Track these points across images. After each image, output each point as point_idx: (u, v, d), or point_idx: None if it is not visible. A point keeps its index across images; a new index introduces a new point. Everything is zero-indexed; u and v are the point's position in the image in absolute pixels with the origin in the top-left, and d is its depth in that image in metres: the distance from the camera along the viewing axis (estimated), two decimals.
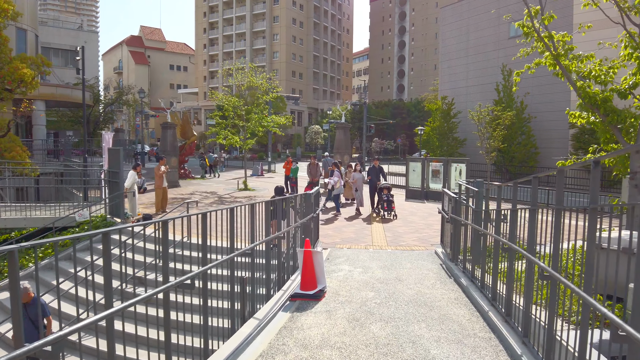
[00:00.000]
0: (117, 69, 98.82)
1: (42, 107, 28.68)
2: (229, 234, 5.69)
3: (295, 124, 70.65)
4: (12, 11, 17.15)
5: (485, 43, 38.03)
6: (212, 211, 5.41)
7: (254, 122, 21.42)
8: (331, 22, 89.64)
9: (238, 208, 5.84)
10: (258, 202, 6.24)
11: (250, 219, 5.96)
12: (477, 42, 38.92)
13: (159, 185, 14.63)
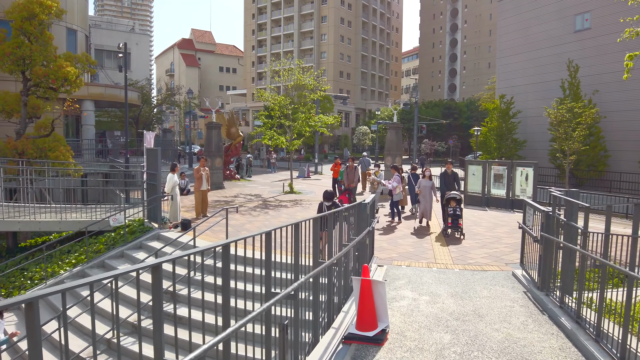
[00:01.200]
0: (168, 71, 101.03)
1: (92, 107, 28.76)
2: (292, 259, 4.44)
3: (342, 125, 69.39)
4: (55, 8, 16.78)
5: (548, 38, 35.26)
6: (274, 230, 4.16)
7: (301, 121, 20.28)
8: (380, 20, 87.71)
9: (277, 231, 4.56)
10: (304, 221, 4.94)
11: (294, 241, 4.67)
12: (538, 37, 36.18)
13: (198, 188, 13.70)
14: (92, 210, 13.88)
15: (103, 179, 19.99)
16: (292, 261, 4.77)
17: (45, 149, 16.53)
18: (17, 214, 12.78)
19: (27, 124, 17.06)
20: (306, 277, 4.07)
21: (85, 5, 29.40)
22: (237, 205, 15.12)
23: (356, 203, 6.91)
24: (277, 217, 14.45)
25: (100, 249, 11.66)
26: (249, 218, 14.06)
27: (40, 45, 16.58)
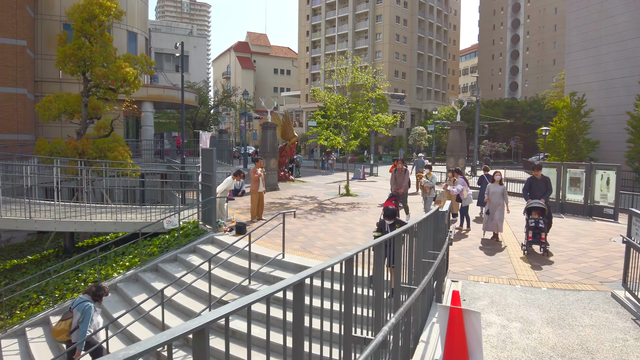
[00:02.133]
0: (225, 74, 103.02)
1: (150, 109, 29.23)
2: (373, 291, 3.61)
3: (397, 125, 67.81)
4: (115, 9, 16.86)
5: (623, 30, 32.49)
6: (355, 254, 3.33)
7: (359, 121, 19.42)
8: (437, 18, 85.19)
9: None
10: (379, 244, 4.08)
11: (375, 267, 3.82)
12: (613, 30, 33.42)
13: (254, 189, 13.16)
14: (148, 211, 13.69)
15: (161, 179, 20.02)
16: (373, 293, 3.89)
17: (104, 149, 16.61)
18: (75, 214, 12.74)
19: (87, 124, 17.26)
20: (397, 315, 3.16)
21: (145, 9, 29.96)
22: (294, 209, 14.47)
23: (432, 211, 5.97)
24: (335, 221, 13.68)
25: (154, 252, 11.35)
26: (305, 222, 13.38)
27: (100, 47, 16.70)
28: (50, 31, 23.98)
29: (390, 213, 7.26)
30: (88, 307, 6.19)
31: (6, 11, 20.98)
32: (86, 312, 6.12)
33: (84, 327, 6.09)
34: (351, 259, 2.96)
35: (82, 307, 6.19)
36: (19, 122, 21.60)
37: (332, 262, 2.68)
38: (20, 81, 21.51)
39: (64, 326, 6.17)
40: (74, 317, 6.19)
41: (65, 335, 6.16)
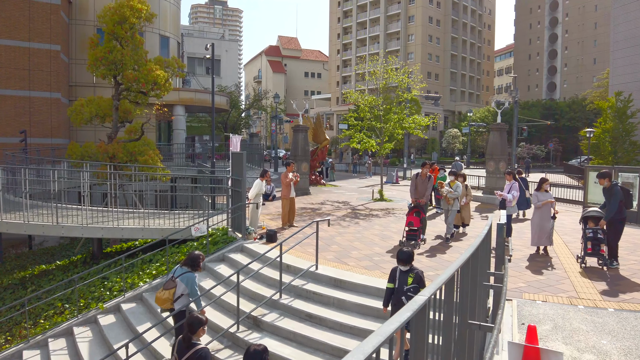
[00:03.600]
0: (256, 78, 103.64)
1: (182, 112, 29.22)
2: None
3: (430, 128, 66.41)
4: (145, 11, 16.67)
5: None
6: None
7: (393, 123, 18.64)
8: (471, 18, 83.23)
9: None
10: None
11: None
12: None
13: (285, 195, 12.59)
14: (177, 216, 13.32)
15: (191, 183, 19.76)
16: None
17: (134, 152, 16.42)
18: (103, 219, 12.48)
19: (118, 128, 17.13)
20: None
21: (177, 13, 30.02)
22: (328, 216, 13.84)
23: (486, 233, 5.18)
24: (370, 228, 12.97)
25: (181, 260, 10.90)
26: (339, 229, 12.72)
27: (131, 50, 16.54)
28: (84, 36, 24.18)
29: (405, 257, 5.67)
30: (192, 276, 6.64)
31: (41, 17, 21.21)
32: (190, 281, 6.61)
33: (195, 294, 6.64)
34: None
35: (185, 277, 6.60)
36: (52, 126, 21.79)
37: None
38: (55, 85, 21.70)
39: (168, 295, 6.54)
40: (178, 287, 6.57)
41: (169, 303, 6.58)
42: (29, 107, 21.13)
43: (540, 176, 14.61)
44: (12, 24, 20.65)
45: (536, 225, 10.09)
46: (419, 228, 10.63)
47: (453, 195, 11.28)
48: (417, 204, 11.01)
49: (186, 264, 6.75)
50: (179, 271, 6.72)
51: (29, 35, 21.02)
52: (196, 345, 4.82)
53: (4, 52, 20.54)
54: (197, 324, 4.94)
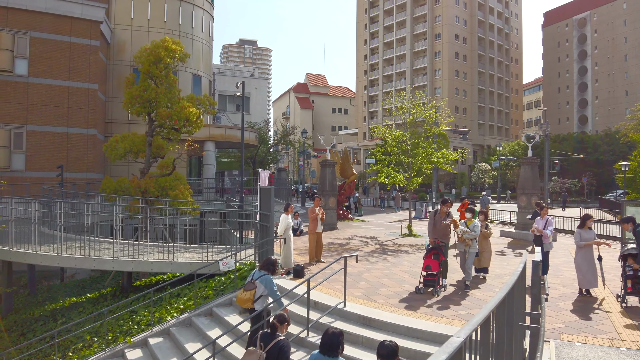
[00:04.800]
0: (284, 114, 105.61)
1: (212, 148, 29.85)
2: None
3: (458, 162, 65.79)
4: (179, 52, 17.32)
5: None
6: None
7: (421, 157, 18.55)
8: (497, 53, 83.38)
9: None
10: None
11: None
12: None
13: (312, 230, 12.54)
14: (206, 250, 13.39)
15: (220, 218, 19.94)
16: None
17: (166, 187, 16.74)
18: (133, 252, 12.65)
19: (151, 163, 17.56)
20: None
21: (209, 53, 31.10)
22: (356, 251, 13.67)
23: (520, 273, 4.98)
24: (399, 264, 12.73)
25: (209, 295, 10.90)
26: (367, 265, 12.53)
27: (165, 88, 17.12)
28: (120, 75, 25.24)
29: (386, 354, 4.13)
30: (269, 279, 7.32)
31: (81, 57, 22.30)
32: (269, 283, 7.27)
33: (275, 295, 7.31)
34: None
35: (264, 279, 7.27)
36: (88, 161, 22.52)
37: None
38: (91, 122, 22.56)
39: (249, 296, 7.18)
40: (258, 288, 7.23)
41: (250, 303, 7.21)
42: (66, 143, 21.97)
43: (576, 211, 14.14)
44: (54, 64, 21.76)
45: (580, 266, 9.58)
46: (438, 273, 9.55)
47: (470, 236, 10.04)
48: (435, 245, 9.95)
49: (264, 267, 7.46)
50: (257, 274, 7.39)
51: (69, 75, 22.07)
52: (279, 336, 5.52)
53: (45, 90, 21.58)
54: (281, 319, 5.70)
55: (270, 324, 5.70)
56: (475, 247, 10.12)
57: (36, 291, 16.27)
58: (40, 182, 20.03)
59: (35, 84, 21.43)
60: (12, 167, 20.98)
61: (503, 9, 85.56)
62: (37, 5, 21.39)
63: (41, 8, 21.45)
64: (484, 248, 10.90)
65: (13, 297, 15.12)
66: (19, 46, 21.17)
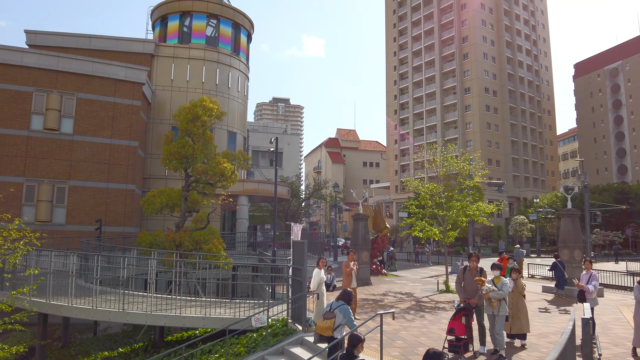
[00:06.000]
0: (316, 168, 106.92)
1: (246, 202, 30.19)
2: None
3: (494, 215, 64.25)
4: (216, 110, 17.97)
5: None
6: None
7: (456, 210, 18.20)
8: (529, 104, 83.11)
9: None
10: None
11: None
12: None
13: (346, 285, 12.26)
14: (238, 305, 13.21)
15: (252, 272, 19.83)
16: None
17: (200, 241, 16.88)
18: (166, 307, 12.59)
19: (186, 217, 17.83)
20: None
21: (244, 111, 32.16)
22: (391, 308, 13.23)
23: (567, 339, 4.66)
24: (436, 322, 12.20)
25: (240, 352, 10.62)
26: (403, 322, 12.06)
27: (202, 145, 17.65)
28: (160, 133, 26.27)
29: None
30: (348, 308, 7.82)
31: (123, 117, 23.41)
32: (347, 312, 7.75)
33: (352, 324, 7.70)
34: None
35: (342, 309, 7.76)
36: (126, 215, 23.07)
37: None
38: (130, 178, 23.30)
39: (329, 324, 7.71)
40: (337, 317, 7.72)
41: (330, 331, 7.72)
42: (106, 198, 22.66)
43: (622, 265, 13.40)
44: (98, 123, 22.88)
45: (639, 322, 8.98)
46: (465, 337, 8.68)
47: (497, 296, 8.82)
48: (466, 305, 9.03)
49: (341, 298, 8.00)
50: (335, 304, 7.90)
51: (112, 133, 23.10)
52: (356, 357, 5.80)
53: (88, 147, 22.58)
54: (357, 340, 5.85)
55: (348, 345, 5.90)
56: (504, 309, 8.92)
57: (69, 344, 16.28)
58: (79, 235, 20.56)
59: (80, 142, 22.48)
60: (53, 220, 21.67)
61: (532, 62, 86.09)
62: (85, 68, 22.82)
63: (88, 71, 22.87)
64: (519, 308, 9.63)
65: (47, 350, 15.15)
66: (66, 106, 22.44)
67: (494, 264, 9.63)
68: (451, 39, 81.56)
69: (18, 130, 21.42)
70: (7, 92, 21.40)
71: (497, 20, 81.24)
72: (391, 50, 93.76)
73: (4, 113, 21.25)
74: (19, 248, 10.29)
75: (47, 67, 22.12)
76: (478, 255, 10.04)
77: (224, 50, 29.53)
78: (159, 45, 28.32)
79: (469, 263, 9.65)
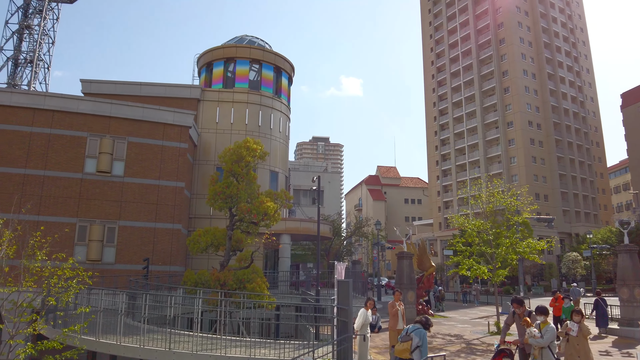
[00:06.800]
0: (357, 206, 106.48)
1: (288, 241, 30.25)
2: None
3: (545, 252, 61.50)
4: (260, 151, 18.39)
5: None
6: None
7: (505, 248, 17.54)
8: (576, 136, 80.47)
9: None
10: None
11: None
12: None
13: (392, 326, 11.91)
14: (281, 347, 13.02)
15: (295, 312, 19.61)
16: None
17: (243, 280, 16.95)
18: (211, 346, 12.55)
19: (230, 256, 18.02)
20: None
21: (286, 151, 32.74)
22: (442, 352, 12.70)
23: None
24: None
25: None
26: None
27: (246, 184, 18.01)
28: (205, 174, 27.01)
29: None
30: (424, 333, 8.01)
31: (171, 159, 24.29)
32: (424, 337, 7.95)
33: (425, 349, 7.86)
34: None
35: (419, 332, 7.96)
36: (172, 254, 23.55)
37: None
38: (177, 217, 23.90)
39: (406, 346, 7.95)
40: (413, 340, 7.93)
41: (407, 353, 7.92)
42: (153, 237, 23.27)
43: None
44: (146, 165, 23.81)
45: None
46: None
47: (535, 342, 8.09)
48: (506, 347, 8.36)
49: (418, 321, 8.22)
50: (411, 328, 8.13)
51: (159, 174, 23.95)
52: None
53: (137, 189, 23.44)
54: None
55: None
56: (549, 357, 8.06)
57: None
58: (127, 274, 21.08)
59: (129, 183, 23.40)
60: (103, 259, 22.36)
61: (576, 93, 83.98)
62: (136, 114, 24.01)
63: (139, 117, 24.03)
64: (585, 354, 8.70)
65: None
66: (117, 150, 23.54)
67: (538, 307, 9.05)
68: (490, 74, 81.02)
69: (73, 173, 22.55)
70: (64, 137, 22.71)
71: (538, 53, 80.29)
72: (430, 87, 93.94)
73: (61, 157, 22.48)
74: (72, 287, 10.60)
75: (100, 114, 23.43)
76: (520, 299, 9.54)
77: (266, 93, 30.46)
78: (204, 90, 29.55)
79: (516, 307, 9.21)
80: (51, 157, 22.35)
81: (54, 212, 21.86)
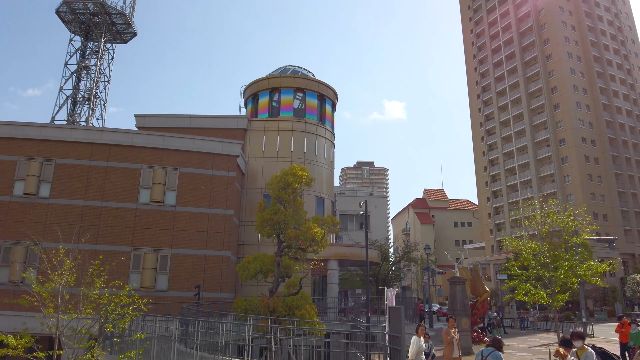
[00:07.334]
0: (404, 230, 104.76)
1: (336, 267, 30.06)
2: None
3: (606, 275, 57.93)
4: (306, 177, 18.54)
5: None
6: None
7: (564, 271, 16.68)
8: (633, 152, 76.40)
9: None
10: None
11: None
12: None
13: (447, 355, 11.47)
14: None
15: (345, 339, 19.30)
16: None
17: (292, 306, 16.89)
18: None
19: (279, 282, 18.06)
20: None
21: (331, 177, 32.89)
22: None
23: None
24: None
25: None
26: None
27: (293, 211, 18.14)
28: (253, 201, 27.49)
29: None
30: (499, 354, 8.03)
31: (220, 188, 24.92)
32: (499, 358, 7.94)
33: None
34: None
35: (494, 355, 7.99)
36: (222, 281, 23.89)
37: None
38: (226, 245, 24.33)
39: None
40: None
41: None
42: (204, 264, 23.74)
43: None
44: (197, 194, 24.52)
45: None
46: None
47: None
48: None
49: (491, 345, 8.25)
50: (486, 351, 8.14)
51: (209, 203, 24.57)
52: None
53: (188, 217, 24.11)
54: None
55: None
56: None
57: None
58: (179, 301, 21.51)
59: (181, 212, 24.11)
60: (156, 287, 22.95)
61: (631, 107, 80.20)
62: (186, 145, 24.91)
63: (189, 148, 24.91)
64: None
65: None
66: (169, 180, 24.41)
67: (573, 332, 8.38)
68: (539, 91, 78.82)
69: (128, 203, 23.52)
70: (119, 169, 23.81)
71: (588, 68, 77.59)
72: (475, 107, 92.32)
73: (117, 188, 23.53)
74: (128, 313, 10.89)
75: (153, 146, 24.45)
76: (581, 333, 8.59)
77: (310, 121, 30.91)
78: (251, 120, 30.36)
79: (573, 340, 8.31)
80: (108, 188, 23.44)
81: (110, 242, 22.77)
